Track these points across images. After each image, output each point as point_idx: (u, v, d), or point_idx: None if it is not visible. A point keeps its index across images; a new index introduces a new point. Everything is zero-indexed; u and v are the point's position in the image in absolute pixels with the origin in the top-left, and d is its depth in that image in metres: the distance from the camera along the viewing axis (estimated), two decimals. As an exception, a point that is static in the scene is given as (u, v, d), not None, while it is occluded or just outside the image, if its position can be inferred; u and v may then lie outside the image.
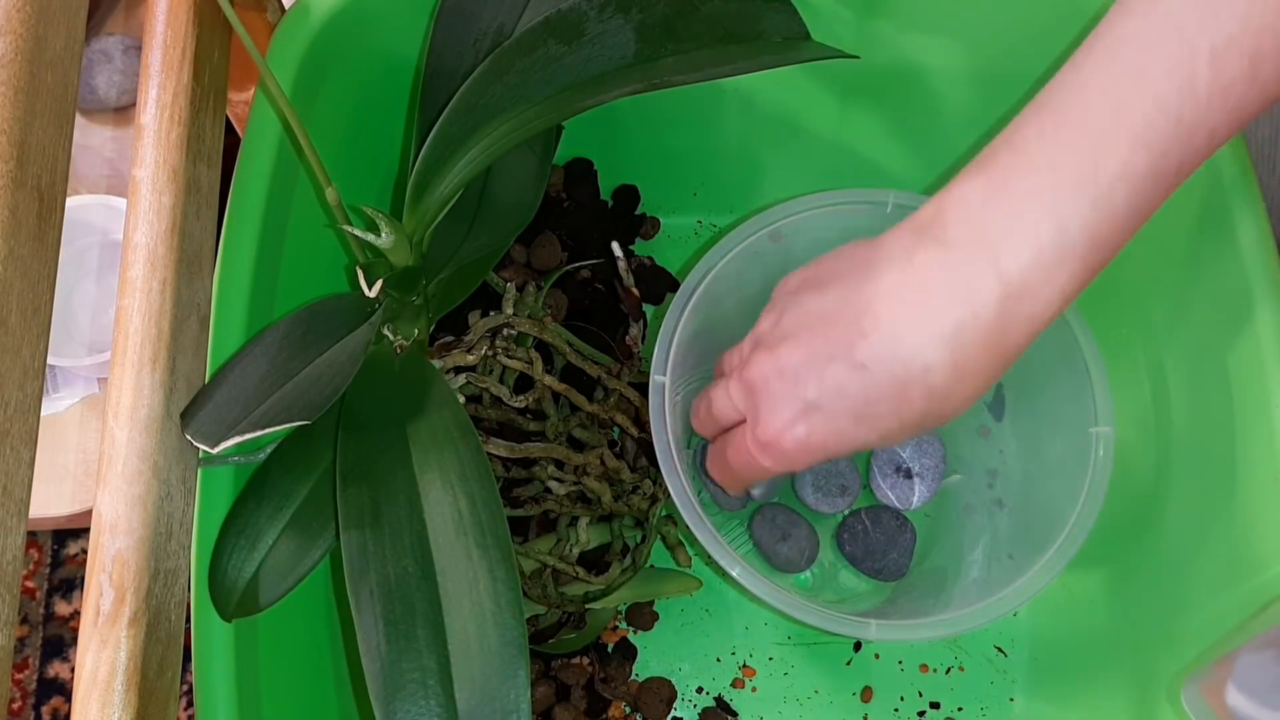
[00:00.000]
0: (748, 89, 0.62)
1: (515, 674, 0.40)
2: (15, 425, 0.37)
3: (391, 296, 0.48)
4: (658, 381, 0.52)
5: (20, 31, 0.38)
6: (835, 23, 0.55)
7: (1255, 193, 0.50)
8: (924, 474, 0.63)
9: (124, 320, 0.44)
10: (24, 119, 0.38)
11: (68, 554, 1.07)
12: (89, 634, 0.40)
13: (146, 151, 0.46)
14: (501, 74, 0.47)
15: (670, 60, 0.48)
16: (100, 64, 0.72)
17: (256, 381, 0.44)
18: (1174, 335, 0.54)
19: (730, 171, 0.68)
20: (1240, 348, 0.49)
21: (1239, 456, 0.49)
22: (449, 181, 0.47)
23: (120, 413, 0.42)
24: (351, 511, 0.43)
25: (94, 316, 0.70)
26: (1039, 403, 0.58)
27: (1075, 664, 0.60)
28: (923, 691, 0.63)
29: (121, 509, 0.41)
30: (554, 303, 0.64)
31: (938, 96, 0.60)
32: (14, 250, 0.37)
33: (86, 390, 0.68)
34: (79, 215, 0.68)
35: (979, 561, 0.59)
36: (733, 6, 0.49)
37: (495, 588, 0.42)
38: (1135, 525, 0.56)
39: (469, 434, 0.46)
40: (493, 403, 0.58)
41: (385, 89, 0.57)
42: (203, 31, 0.48)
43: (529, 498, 0.59)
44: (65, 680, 1.03)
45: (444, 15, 0.50)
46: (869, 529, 0.62)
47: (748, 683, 0.63)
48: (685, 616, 0.64)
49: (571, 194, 0.68)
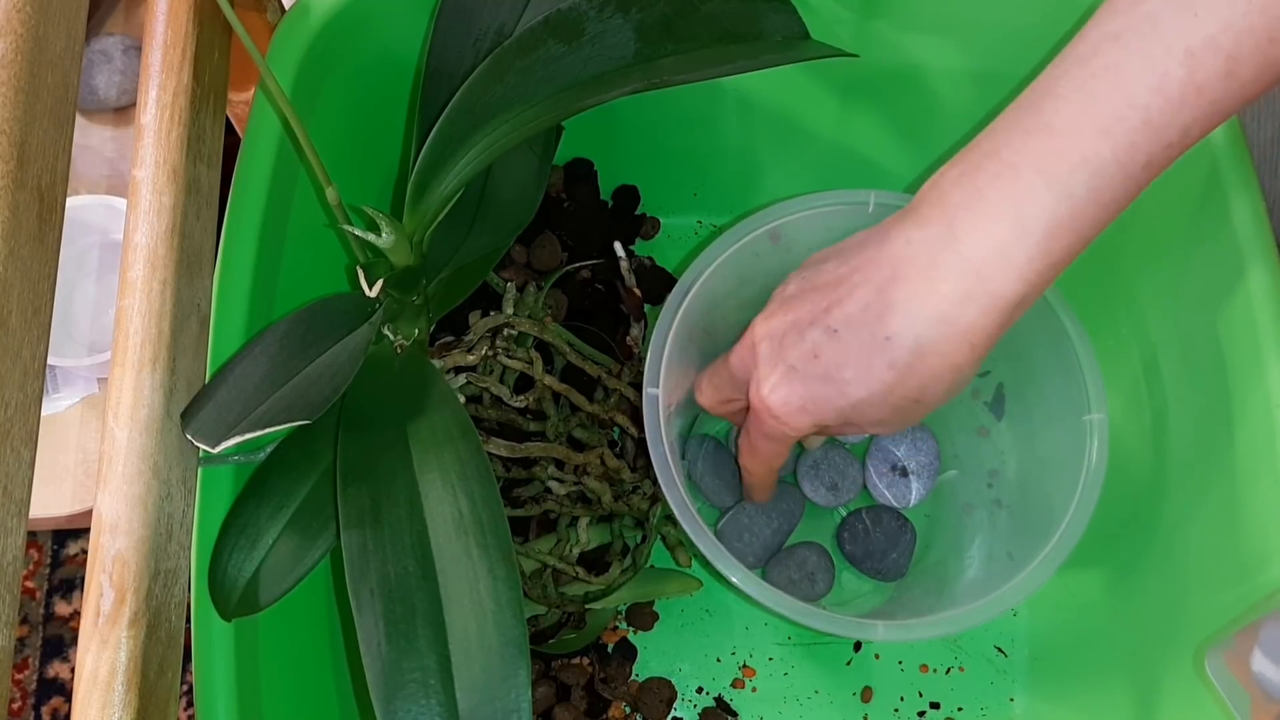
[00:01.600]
0: (747, 89, 0.62)
1: (516, 674, 0.40)
2: (15, 425, 0.37)
3: (392, 296, 0.49)
4: (651, 395, 0.52)
5: (20, 31, 0.38)
6: (835, 23, 0.55)
7: (1256, 193, 0.50)
8: (919, 472, 0.63)
9: (124, 320, 0.44)
10: (24, 119, 0.38)
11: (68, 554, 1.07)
12: (89, 634, 0.40)
13: (146, 151, 0.46)
14: (501, 74, 0.47)
15: (670, 60, 0.48)
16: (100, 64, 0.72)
17: (257, 381, 0.44)
18: (1172, 334, 0.54)
19: (730, 171, 0.68)
20: (1239, 347, 0.49)
21: (1238, 454, 0.49)
22: (449, 181, 0.47)
23: (120, 413, 0.42)
24: (352, 511, 0.43)
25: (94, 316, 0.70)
26: (1034, 398, 0.58)
27: (1075, 664, 0.60)
28: (923, 691, 0.63)
29: (121, 509, 0.41)
30: (554, 303, 0.64)
31: (937, 96, 0.60)
32: (14, 250, 0.37)
33: (86, 390, 0.68)
34: (79, 215, 0.68)
35: (979, 560, 0.59)
36: (732, 6, 0.49)
37: (496, 587, 0.42)
38: (1134, 524, 0.56)
39: (469, 434, 0.46)
40: (493, 403, 0.58)
41: (385, 89, 0.57)
42: (203, 31, 0.48)
43: (529, 498, 0.59)
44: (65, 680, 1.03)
45: (444, 15, 0.50)
46: (869, 529, 0.62)
47: (748, 683, 0.63)
48: (685, 616, 0.64)
49: (572, 194, 0.68)
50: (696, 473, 0.63)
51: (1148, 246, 0.56)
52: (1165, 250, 0.55)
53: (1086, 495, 0.51)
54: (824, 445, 0.64)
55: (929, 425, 0.64)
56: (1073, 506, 0.51)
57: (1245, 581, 0.47)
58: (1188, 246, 0.53)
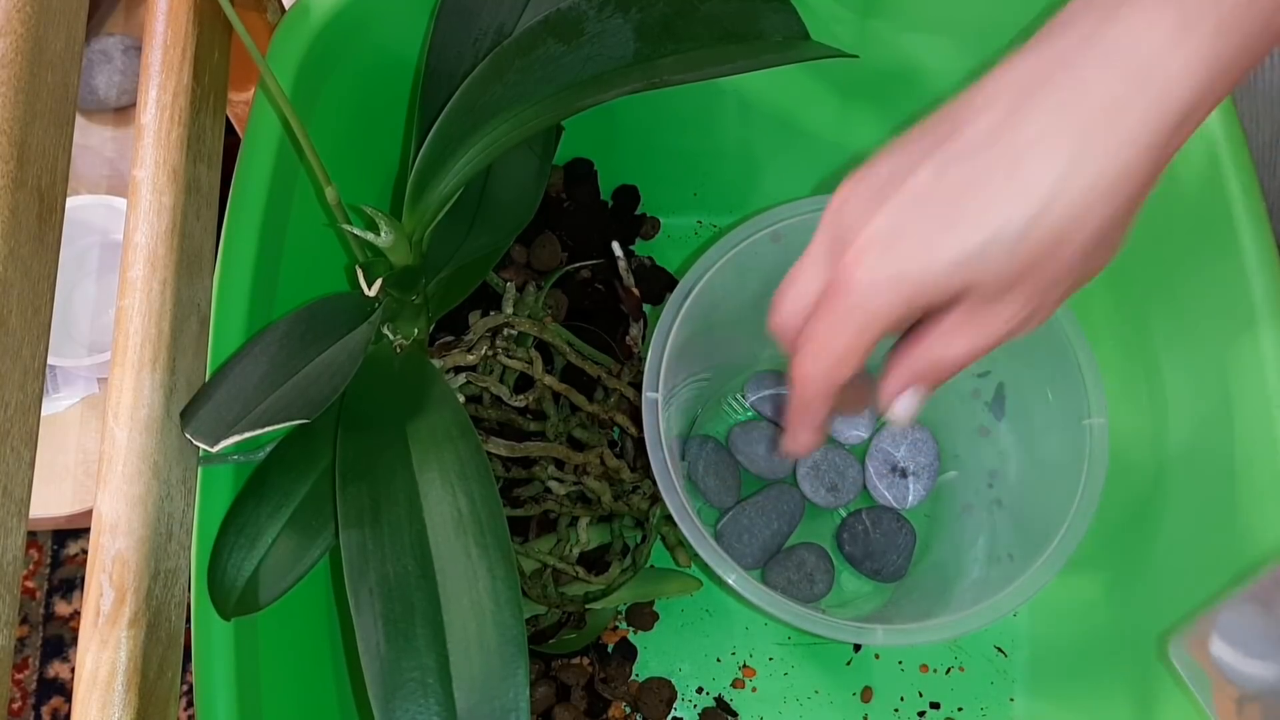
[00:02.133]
0: (747, 89, 0.62)
1: (515, 673, 0.40)
2: (15, 425, 0.37)
3: (391, 296, 0.49)
4: (650, 399, 0.52)
5: (20, 31, 0.38)
6: (835, 23, 0.55)
7: (1256, 194, 0.50)
8: (919, 473, 0.63)
9: (124, 320, 0.44)
10: (24, 119, 0.38)
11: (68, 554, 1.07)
12: (89, 634, 0.40)
13: (146, 151, 0.46)
14: (501, 73, 0.47)
15: (670, 59, 0.48)
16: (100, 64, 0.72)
17: (256, 380, 0.45)
18: (1173, 337, 0.54)
19: (730, 171, 0.68)
20: (1240, 349, 0.49)
21: (1238, 456, 0.49)
22: (449, 181, 0.47)
23: (120, 413, 0.42)
24: (351, 510, 0.43)
25: (94, 316, 0.70)
26: (1035, 399, 0.58)
27: (1075, 664, 0.60)
28: (923, 691, 0.63)
29: (121, 509, 0.41)
30: (554, 303, 0.64)
31: (938, 96, 0.60)
32: (14, 250, 0.37)
33: (86, 390, 0.68)
34: (79, 215, 0.68)
35: (979, 561, 0.59)
36: (732, 6, 0.49)
37: (495, 586, 0.42)
38: (1135, 525, 0.56)
39: (468, 433, 0.46)
40: (493, 402, 0.58)
41: (385, 89, 0.57)
42: (203, 31, 0.48)
43: (529, 498, 0.59)
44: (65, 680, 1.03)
45: (444, 15, 0.50)
46: (869, 530, 0.62)
47: (748, 683, 0.63)
48: (685, 616, 0.64)
49: (571, 194, 0.68)
50: (696, 473, 0.63)
51: (1148, 247, 0.56)
52: (1165, 251, 0.55)
53: (1087, 500, 0.51)
54: (824, 446, 0.64)
55: (929, 425, 0.64)
56: (1073, 510, 0.51)
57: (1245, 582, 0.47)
58: (1188, 247, 0.53)
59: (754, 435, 0.64)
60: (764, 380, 0.65)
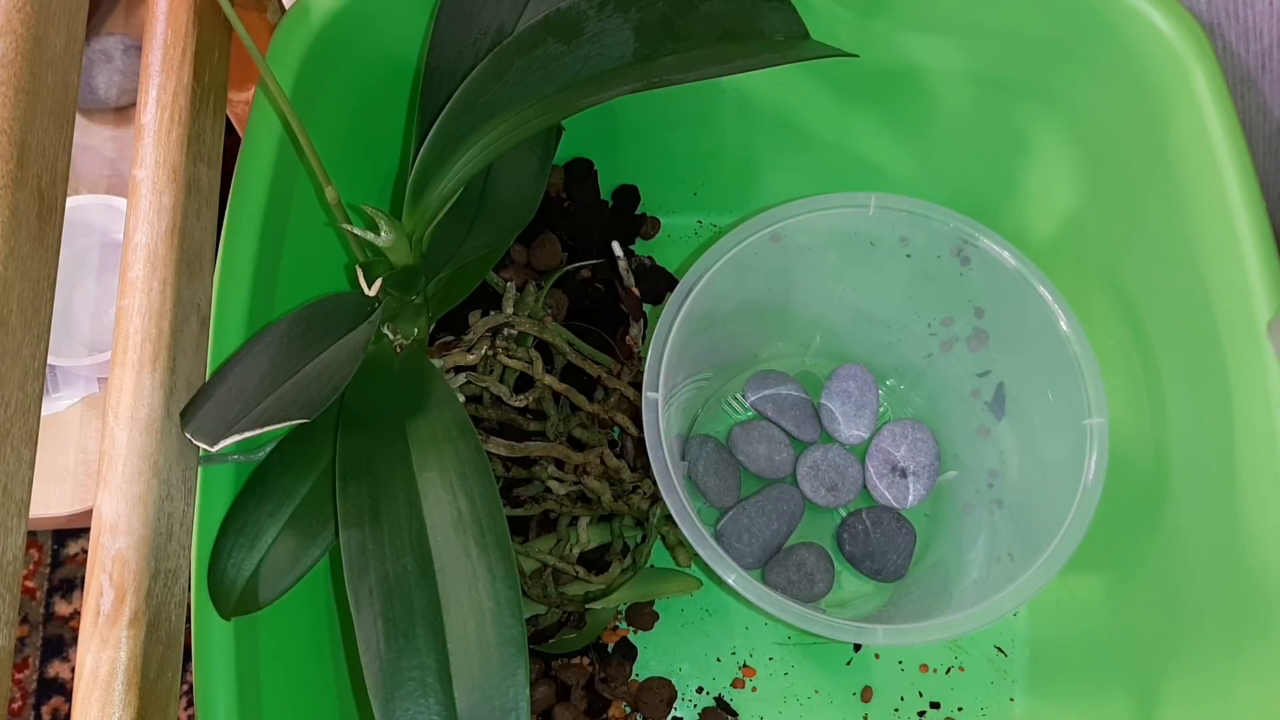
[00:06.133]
0: (747, 89, 0.62)
1: (514, 672, 0.40)
2: (15, 425, 0.37)
3: (391, 295, 0.49)
4: (651, 399, 0.52)
5: (20, 31, 0.38)
6: (835, 23, 0.55)
7: (1255, 190, 0.50)
8: (919, 472, 0.63)
9: (124, 320, 0.44)
10: (24, 119, 0.38)
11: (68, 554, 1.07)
12: (89, 634, 0.40)
13: (146, 151, 0.46)
14: (501, 73, 0.47)
15: (669, 59, 0.48)
16: (100, 64, 0.72)
17: (256, 380, 0.45)
18: (1173, 337, 0.54)
19: (730, 171, 0.68)
20: (1240, 348, 0.49)
21: (1239, 456, 0.49)
22: (449, 180, 0.47)
23: (120, 413, 0.42)
24: (351, 510, 0.43)
25: (94, 316, 0.70)
26: (1034, 400, 0.58)
27: (1075, 664, 0.60)
28: (923, 691, 0.63)
29: (121, 509, 0.41)
30: (554, 303, 0.64)
31: (937, 96, 0.60)
32: (14, 250, 0.37)
33: (86, 390, 0.68)
34: (79, 215, 0.68)
35: (979, 561, 0.59)
36: (732, 5, 0.49)
37: (495, 586, 0.42)
38: (1135, 526, 0.56)
39: (468, 433, 0.46)
40: (493, 402, 0.58)
41: (385, 89, 0.57)
42: (203, 31, 0.48)
43: (529, 497, 0.59)
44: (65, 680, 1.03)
45: (444, 15, 0.50)
46: (869, 530, 0.62)
47: (748, 683, 0.63)
48: (685, 616, 0.64)
49: (571, 194, 0.68)
50: (697, 473, 0.63)
51: (1148, 247, 0.56)
52: (1165, 251, 0.55)
53: (1087, 500, 0.51)
54: (824, 446, 0.64)
55: (929, 425, 0.64)
56: (1073, 510, 0.51)
57: (1245, 582, 0.47)
58: (1188, 247, 0.53)
59: (754, 435, 0.64)
60: (764, 380, 0.65)
